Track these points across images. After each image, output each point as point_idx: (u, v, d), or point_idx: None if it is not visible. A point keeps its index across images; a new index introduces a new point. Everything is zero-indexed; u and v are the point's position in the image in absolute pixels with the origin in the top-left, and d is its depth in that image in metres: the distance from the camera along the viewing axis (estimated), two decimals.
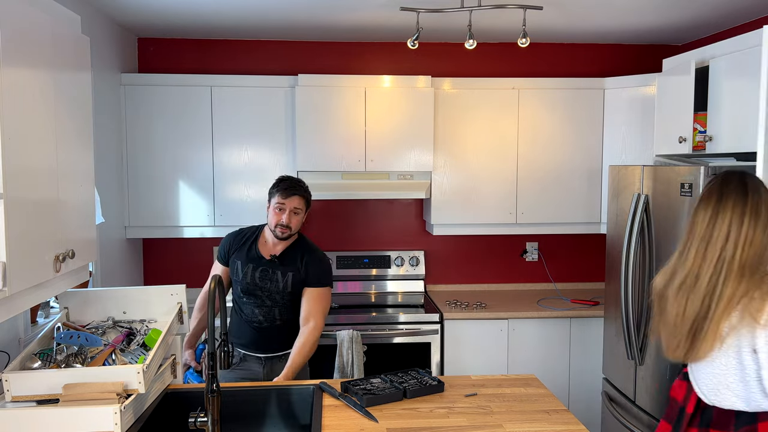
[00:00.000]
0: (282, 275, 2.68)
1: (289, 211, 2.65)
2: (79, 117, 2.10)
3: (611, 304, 3.29)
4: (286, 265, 2.70)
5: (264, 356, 2.73)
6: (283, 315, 2.71)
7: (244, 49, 4.11)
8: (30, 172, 1.74)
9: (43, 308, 2.72)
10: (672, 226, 2.74)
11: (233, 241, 2.81)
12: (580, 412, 3.77)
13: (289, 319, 2.72)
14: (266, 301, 2.70)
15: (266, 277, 2.69)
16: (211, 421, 1.86)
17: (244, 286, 2.71)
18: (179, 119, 3.74)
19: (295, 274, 2.69)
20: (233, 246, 2.79)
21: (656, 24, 3.65)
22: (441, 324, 3.67)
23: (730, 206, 1.84)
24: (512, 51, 4.20)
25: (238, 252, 2.76)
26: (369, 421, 2.08)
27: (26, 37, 1.72)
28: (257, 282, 2.69)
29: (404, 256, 4.20)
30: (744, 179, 1.89)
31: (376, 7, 3.25)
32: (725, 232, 1.82)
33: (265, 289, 2.69)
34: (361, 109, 3.77)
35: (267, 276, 2.69)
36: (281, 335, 2.73)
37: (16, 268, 1.62)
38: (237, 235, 2.83)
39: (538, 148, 3.92)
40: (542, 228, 3.99)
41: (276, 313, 2.71)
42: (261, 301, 2.70)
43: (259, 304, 2.70)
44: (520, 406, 2.20)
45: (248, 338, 2.74)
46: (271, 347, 2.73)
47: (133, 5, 3.25)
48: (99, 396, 1.93)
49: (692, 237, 1.88)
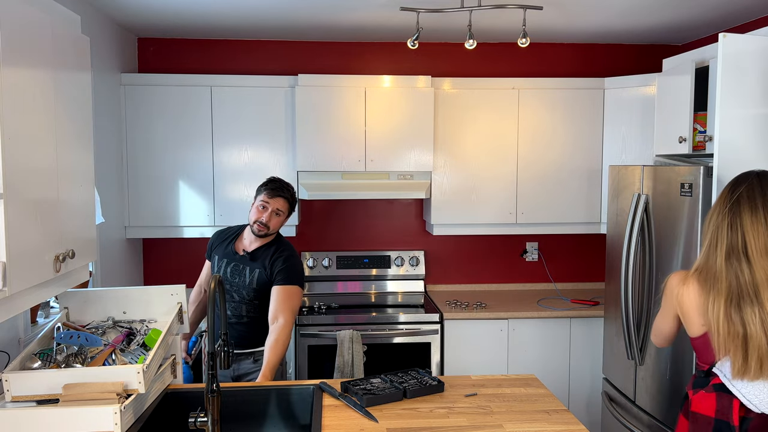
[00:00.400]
0: (250, 271, 2.75)
1: (271, 210, 2.71)
2: (79, 117, 2.10)
3: (611, 304, 3.29)
4: (255, 261, 2.76)
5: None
6: (250, 312, 2.77)
7: (244, 49, 4.11)
8: (30, 172, 1.74)
9: (43, 308, 2.72)
10: (672, 226, 2.74)
11: (216, 238, 2.92)
12: (580, 412, 3.77)
13: (255, 318, 2.78)
14: (235, 296, 2.77)
15: (236, 272, 2.76)
16: (211, 421, 1.85)
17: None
18: (179, 119, 3.74)
19: (262, 272, 2.74)
20: (216, 242, 2.90)
21: (656, 24, 3.65)
22: (441, 324, 3.67)
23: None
24: (512, 51, 4.20)
25: (218, 248, 2.87)
26: (369, 421, 2.08)
27: (26, 37, 1.72)
28: (228, 277, 2.77)
29: (404, 256, 4.20)
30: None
31: (376, 7, 3.25)
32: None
33: (234, 284, 2.76)
34: (361, 109, 3.77)
35: (237, 271, 2.76)
36: (248, 333, 2.78)
37: (16, 268, 1.62)
38: (221, 233, 2.93)
39: (538, 148, 3.92)
40: (542, 228, 3.99)
41: (243, 309, 2.77)
42: (230, 296, 2.77)
43: (229, 299, 2.77)
44: (520, 406, 2.20)
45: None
46: (238, 344, 2.77)
47: (133, 5, 3.25)
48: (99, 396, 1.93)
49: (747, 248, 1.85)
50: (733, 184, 1.96)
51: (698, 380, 1.99)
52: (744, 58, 2.37)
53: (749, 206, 1.88)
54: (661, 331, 2.18)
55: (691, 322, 2.00)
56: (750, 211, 1.87)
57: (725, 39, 2.35)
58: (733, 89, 2.37)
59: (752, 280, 1.84)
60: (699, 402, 1.95)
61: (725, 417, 1.88)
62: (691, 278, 1.98)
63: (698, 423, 1.94)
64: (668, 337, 2.17)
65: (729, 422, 1.87)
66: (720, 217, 1.92)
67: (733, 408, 1.88)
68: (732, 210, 1.90)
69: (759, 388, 1.85)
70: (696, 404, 1.96)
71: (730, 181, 1.99)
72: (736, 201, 1.90)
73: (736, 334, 1.85)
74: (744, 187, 1.92)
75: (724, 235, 1.90)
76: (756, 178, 1.93)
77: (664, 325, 2.14)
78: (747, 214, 1.87)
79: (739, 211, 1.88)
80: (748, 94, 2.38)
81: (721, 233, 1.91)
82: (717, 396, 1.91)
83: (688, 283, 1.98)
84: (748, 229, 1.86)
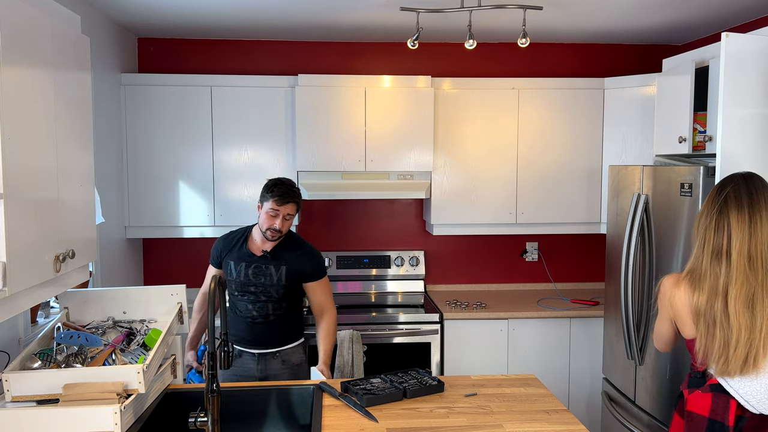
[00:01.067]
0: (276, 269, 2.75)
1: (282, 216, 2.70)
2: (79, 117, 2.10)
3: (611, 304, 3.29)
4: (279, 259, 2.76)
5: (258, 352, 2.79)
6: (276, 310, 2.77)
7: (244, 49, 4.11)
8: (30, 172, 1.74)
9: (43, 308, 2.72)
10: (672, 226, 2.74)
11: (223, 244, 2.88)
12: (580, 412, 3.77)
13: (281, 315, 2.79)
14: (261, 297, 2.76)
15: (260, 272, 2.75)
16: (211, 421, 1.86)
17: (238, 285, 2.78)
18: (179, 119, 3.74)
19: (288, 267, 2.76)
20: (224, 248, 2.87)
21: (656, 24, 3.65)
22: (441, 324, 3.67)
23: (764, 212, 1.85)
24: (512, 51, 4.20)
25: (229, 253, 2.84)
26: (369, 421, 2.08)
27: (26, 37, 1.72)
28: (251, 278, 2.76)
29: (404, 256, 4.20)
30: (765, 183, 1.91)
31: (376, 7, 3.25)
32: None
33: (259, 284, 2.76)
34: (361, 109, 3.77)
35: (260, 272, 2.75)
36: (274, 331, 2.80)
37: (16, 268, 1.62)
38: (226, 238, 2.91)
39: (538, 148, 3.92)
40: (542, 228, 3.99)
41: (269, 308, 2.77)
42: (255, 297, 2.77)
43: (254, 300, 2.77)
44: (520, 406, 2.20)
45: (242, 333, 2.81)
46: (264, 343, 2.79)
47: (133, 5, 3.25)
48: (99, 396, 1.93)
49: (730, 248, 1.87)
50: (720, 187, 1.99)
51: (694, 380, 2.02)
52: (746, 57, 2.37)
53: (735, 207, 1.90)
54: (661, 335, 2.18)
55: (683, 323, 2.02)
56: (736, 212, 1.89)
57: (728, 38, 2.35)
58: (736, 89, 2.37)
59: (727, 279, 1.87)
60: (695, 401, 1.98)
61: (719, 417, 1.91)
62: (682, 281, 2.00)
63: (693, 422, 1.97)
64: (668, 341, 2.18)
65: (723, 422, 1.90)
66: (708, 219, 1.95)
67: (730, 408, 1.90)
68: (720, 211, 1.92)
69: (756, 389, 1.86)
70: (692, 403, 1.99)
71: (717, 184, 2.02)
72: (723, 202, 1.92)
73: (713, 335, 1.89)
74: (730, 188, 1.94)
75: (711, 236, 1.92)
76: (741, 179, 1.95)
77: (662, 329, 2.15)
78: (734, 215, 1.90)
79: (727, 212, 1.91)
80: (750, 94, 2.38)
81: (708, 235, 1.93)
82: (713, 396, 1.93)
83: (679, 285, 2.01)
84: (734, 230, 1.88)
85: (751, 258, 1.85)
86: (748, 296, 1.84)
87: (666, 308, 2.07)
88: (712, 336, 1.89)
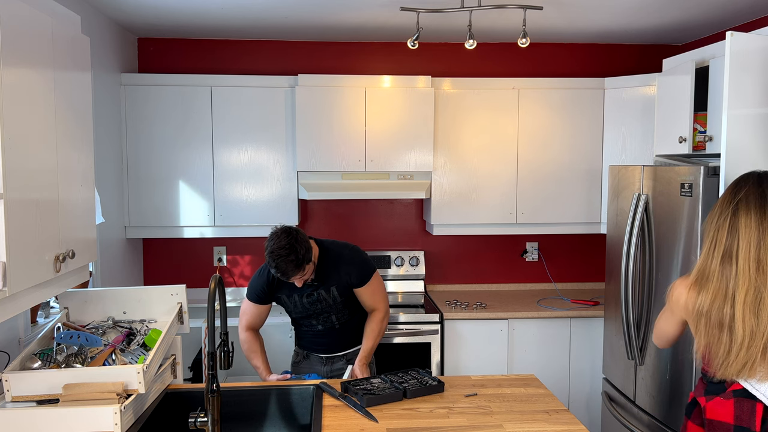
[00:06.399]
0: (327, 292, 2.74)
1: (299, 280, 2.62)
2: (79, 117, 2.10)
3: (611, 304, 3.29)
4: (326, 282, 2.74)
5: (325, 356, 2.86)
6: (341, 319, 2.81)
7: (244, 49, 4.11)
8: (30, 172, 1.74)
9: (43, 308, 2.72)
10: (672, 226, 2.74)
11: (267, 282, 2.75)
12: (580, 412, 3.77)
13: (345, 322, 2.83)
14: (322, 314, 2.79)
15: (314, 299, 2.75)
16: (211, 421, 1.86)
17: (298, 314, 2.81)
18: (179, 119, 3.74)
19: (338, 284, 2.74)
20: (272, 284, 2.75)
21: (656, 24, 3.65)
22: (441, 324, 3.67)
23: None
24: (512, 51, 4.20)
25: (281, 288, 2.75)
26: (369, 421, 2.08)
27: (26, 37, 1.72)
28: (307, 306, 2.76)
29: (404, 256, 4.20)
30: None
31: (376, 7, 3.25)
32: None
33: (319, 309, 2.77)
34: (361, 109, 3.78)
35: (314, 298, 2.75)
36: (340, 338, 2.85)
37: (16, 268, 1.62)
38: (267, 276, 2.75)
39: (538, 148, 3.92)
40: (542, 228, 3.99)
41: (333, 319, 2.80)
42: (318, 317, 2.80)
43: (318, 319, 2.80)
44: (520, 406, 2.20)
45: (311, 342, 2.87)
46: (331, 349, 2.85)
47: (133, 5, 3.25)
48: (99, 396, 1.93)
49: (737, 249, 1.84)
50: (735, 186, 1.94)
51: (711, 387, 1.94)
52: (750, 56, 2.36)
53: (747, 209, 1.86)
54: (665, 334, 2.15)
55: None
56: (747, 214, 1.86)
57: (732, 37, 2.34)
58: (740, 88, 2.36)
59: (735, 283, 1.83)
60: (715, 409, 1.91)
61: (745, 423, 1.85)
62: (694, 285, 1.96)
63: (716, 430, 1.90)
64: (672, 340, 2.15)
65: (750, 428, 1.84)
66: (721, 219, 1.90)
67: (756, 413, 1.84)
68: (734, 212, 1.88)
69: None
70: (712, 411, 1.91)
71: (732, 183, 1.96)
72: (737, 203, 1.88)
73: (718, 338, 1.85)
74: (745, 189, 1.89)
75: (723, 237, 1.88)
76: (757, 179, 1.91)
77: (669, 329, 2.11)
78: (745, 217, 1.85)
79: (739, 213, 1.86)
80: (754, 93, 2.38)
81: (720, 235, 1.89)
82: (736, 402, 1.87)
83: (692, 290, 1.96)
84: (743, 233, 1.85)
85: (760, 262, 1.83)
86: (756, 301, 1.82)
87: (679, 313, 2.02)
88: (717, 339, 1.85)
